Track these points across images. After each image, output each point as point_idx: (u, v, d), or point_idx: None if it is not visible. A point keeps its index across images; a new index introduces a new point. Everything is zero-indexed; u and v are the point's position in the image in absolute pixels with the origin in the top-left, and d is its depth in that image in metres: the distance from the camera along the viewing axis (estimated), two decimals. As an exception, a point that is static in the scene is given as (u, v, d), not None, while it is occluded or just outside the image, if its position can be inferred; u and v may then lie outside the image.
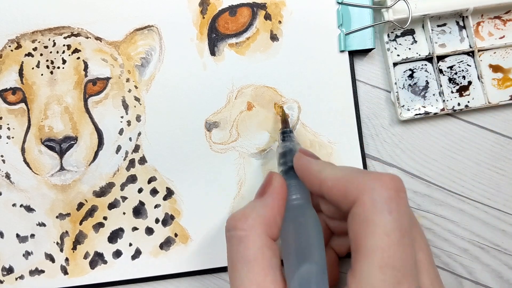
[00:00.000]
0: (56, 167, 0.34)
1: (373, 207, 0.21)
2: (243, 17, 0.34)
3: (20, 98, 0.34)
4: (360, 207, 0.22)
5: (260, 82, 0.34)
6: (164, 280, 0.34)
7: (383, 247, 0.21)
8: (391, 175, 0.23)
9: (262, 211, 0.24)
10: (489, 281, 0.34)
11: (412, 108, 0.35)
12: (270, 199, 0.25)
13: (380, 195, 0.22)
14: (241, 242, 0.23)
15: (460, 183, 0.35)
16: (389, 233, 0.21)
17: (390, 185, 0.22)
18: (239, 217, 0.24)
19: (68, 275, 0.33)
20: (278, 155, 0.30)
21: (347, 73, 0.34)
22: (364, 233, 0.21)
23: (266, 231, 0.24)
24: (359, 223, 0.22)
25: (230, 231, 0.24)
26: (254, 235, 0.23)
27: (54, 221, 0.34)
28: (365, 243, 0.21)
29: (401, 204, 0.22)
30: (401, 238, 0.21)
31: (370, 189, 0.22)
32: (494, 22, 0.36)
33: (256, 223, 0.24)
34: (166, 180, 0.34)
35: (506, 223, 0.34)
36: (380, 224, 0.21)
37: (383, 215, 0.21)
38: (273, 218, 0.24)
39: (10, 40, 0.34)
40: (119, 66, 0.34)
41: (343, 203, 0.23)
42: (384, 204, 0.21)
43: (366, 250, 0.21)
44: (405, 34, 0.36)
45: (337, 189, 0.23)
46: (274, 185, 0.26)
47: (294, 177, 0.28)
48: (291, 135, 0.31)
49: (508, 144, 0.35)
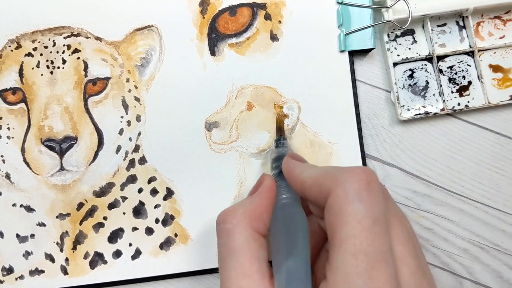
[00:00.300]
0: (56, 167, 0.34)
1: (345, 198, 0.22)
2: (243, 17, 0.34)
3: (20, 98, 0.34)
4: (333, 198, 0.22)
5: (260, 82, 0.34)
6: (164, 280, 0.34)
7: (354, 234, 0.21)
8: (363, 167, 0.24)
9: (249, 207, 0.26)
10: (489, 281, 0.34)
11: (412, 108, 0.35)
12: (258, 197, 0.27)
13: (351, 186, 0.22)
14: (229, 234, 0.25)
15: (460, 183, 0.35)
16: (360, 221, 0.21)
17: (361, 176, 0.23)
18: (227, 212, 0.26)
19: (68, 275, 0.33)
20: (271, 160, 0.31)
21: (347, 73, 0.34)
22: (338, 223, 0.22)
23: (252, 225, 0.25)
24: (333, 214, 0.22)
25: (219, 224, 0.26)
26: (240, 227, 0.25)
27: (54, 221, 0.34)
28: (339, 232, 0.21)
29: (372, 194, 0.22)
30: (373, 226, 0.21)
31: (342, 181, 0.23)
32: (494, 22, 0.36)
33: (243, 217, 0.25)
34: (166, 180, 0.34)
35: (506, 223, 0.34)
36: (351, 212, 0.22)
37: (354, 204, 0.22)
38: (259, 213, 0.26)
39: (10, 40, 0.34)
40: (119, 66, 0.34)
41: (320, 199, 0.24)
42: (355, 194, 0.22)
43: (339, 239, 0.21)
44: (405, 34, 0.36)
45: (314, 186, 0.24)
46: (264, 185, 0.28)
47: (284, 179, 0.29)
48: (284, 142, 0.32)
49: (508, 144, 0.35)
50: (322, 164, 0.34)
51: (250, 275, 0.23)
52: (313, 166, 0.27)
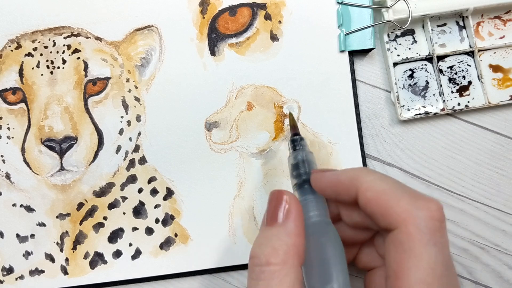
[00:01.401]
0: (56, 167, 0.34)
1: (418, 238, 0.21)
2: (243, 17, 0.34)
3: (20, 98, 0.34)
4: (403, 235, 0.21)
5: (260, 82, 0.34)
6: (164, 280, 0.34)
7: (429, 281, 0.20)
8: (436, 203, 0.22)
9: (289, 240, 0.23)
10: (489, 281, 0.34)
11: (412, 108, 0.35)
12: (292, 224, 0.24)
13: (426, 225, 0.21)
14: (274, 277, 0.22)
15: (460, 183, 0.34)
16: (433, 267, 0.21)
17: (436, 215, 0.22)
18: (268, 251, 0.23)
19: (68, 275, 0.33)
20: (291, 166, 0.29)
21: (347, 73, 0.34)
22: (407, 264, 0.21)
23: (296, 261, 0.23)
24: (402, 252, 0.21)
25: (261, 266, 0.23)
26: (287, 268, 0.22)
27: (54, 221, 0.34)
28: (408, 275, 0.21)
29: (444, 236, 0.22)
30: (445, 271, 0.21)
31: (416, 217, 0.21)
32: (494, 22, 0.36)
33: (288, 255, 0.23)
34: (166, 180, 0.34)
35: (506, 223, 0.34)
36: (425, 256, 0.21)
37: (428, 247, 0.21)
38: (300, 245, 0.23)
39: (10, 40, 0.34)
40: (119, 66, 0.34)
41: (381, 220, 0.22)
42: (430, 236, 0.21)
43: (409, 282, 0.21)
44: (405, 34, 0.36)
45: (376, 204, 0.23)
46: (292, 208, 0.24)
47: (310, 192, 0.27)
48: (302, 142, 0.29)
49: (508, 144, 0.35)
50: (322, 164, 0.33)
51: None
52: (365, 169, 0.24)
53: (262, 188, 0.34)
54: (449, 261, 0.22)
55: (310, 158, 0.28)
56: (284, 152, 0.34)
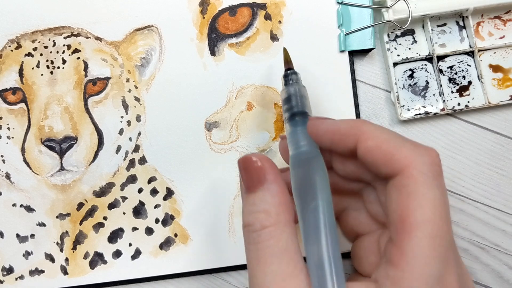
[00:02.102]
0: (56, 167, 0.34)
1: (422, 180, 0.21)
2: (243, 17, 0.34)
3: (20, 98, 0.34)
4: (407, 179, 0.22)
5: (260, 82, 0.34)
6: (164, 280, 0.34)
7: (433, 219, 0.21)
8: (435, 150, 0.23)
9: (276, 200, 0.24)
10: (489, 281, 0.34)
11: (412, 108, 0.35)
12: (274, 185, 0.24)
13: (429, 169, 0.22)
14: (271, 236, 0.23)
15: (460, 183, 0.35)
16: (437, 207, 0.21)
17: (436, 161, 0.22)
18: (261, 216, 0.23)
19: (68, 275, 0.33)
20: (282, 101, 0.29)
21: (347, 73, 0.34)
22: (412, 205, 0.21)
23: (289, 217, 0.23)
24: (406, 195, 0.21)
25: (257, 231, 0.23)
26: (282, 226, 0.23)
27: (54, 221, 0.34)
28: (414, 215, 0.21)
29: (443, 181, 0.22)
30: (447, 213, 0.22)
31: (419, 162, 0.22)
32: (494, 22, 0.36)
33: (279, 215, 0.23)
34: (166, 180, 0.34)
35: (506, 223, 0.34)
36: (430, 196, 0.21)
37: (432, 188, 0.21)
38: (287, 201, 0.24)
39: (10, 40, 0.34)
40: (119, 66, 0.34)
41: (383, 168, 0.23)
42: (433, 179, 0.22)
43: (416, 223, 0.21)
44: (405, 34, 0.36)
45: (378, 152, 0.23)
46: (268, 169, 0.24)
47: (300, 124, 0.27)
48: (293, 77, 0.29)
49: (508, 144, 0.35)
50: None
51: (296, 276, 0.22)
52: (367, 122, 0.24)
53: (262, 188, 0.34)
54: (448, 204, 0.22)
55: (302, 92, 0.28)
56: (284, 152, 0.34)
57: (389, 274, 0.21)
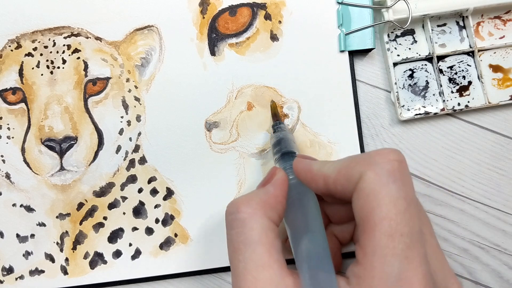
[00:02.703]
0: (56, 167, 0.34)
1: (377, 180, 0.22)
2: (243, 17, 0.34)
3: (20, 98, 0.34)
4: (364, 182, 0.22)
5: (260, 82, 0.34)
6: (164, 280, 0.34)
7: (390, 216, 0.21)
8: (390, 148, 0.23)
9: (264, 196, 0.25)
10: (489, 281, 0.34)
11: (412, 108, 0.35)
12: (272, 187, 0.26)
13: (383, 167, 0.22)
14: (245, 224, 0.24)
15: (460, 183, 0.34)
16: (395, 202, 0.21)
17: (392, 157, 0.22)
18: (241, 201, 0.25)
19: (68, 275, 0.33)
20: (272, 146, 0.31)
21: (347, 73, 0.34)
22: (371, 206, 0.21)
23: (268, 215, 0.24)
24: (364, 197, 0.22)
25: (233, 214, 0.24)
26: (257, 217, 0.24)
27: (54, 221, 0.34)
28: (372, 215, 0.21)
29: (404, 174, 0.22)
30: (407, 207, 0.21)
31: (373, 163, 0.22)
32: (494, 22, 0.36)
33: (259, 205, 0.24)
34: (166, 180, 0.34)
35: (506, 223, 0.34)
36: (386, 194, 0.21)
37: (387, 185, 0.21)
38: (274, 204, 0.25)
39: (10, 40, 0.34)
40: (119, 66, 0.34)
41: (348, 188, 0.23)
42: (388, 175, 0.22)
43: (373, 221, 0.21)
44: (405, 34, 0.36)
45: (341, 178, 0.23)
46: (277, 177, 0.27)
47: (288, 161, 0.29)
48: (281, 126, 0.32)
49: (508, 144, 0.35)
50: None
51: (269, 266, 0.23)
52: (330, 161, 0.26)
53: (262, 188, 0.34)
54: (413, 197, 0.22)
55: (289, 137, 0.31)
56: (284, 152, 0.34)
57: (355, 272, 0.22)
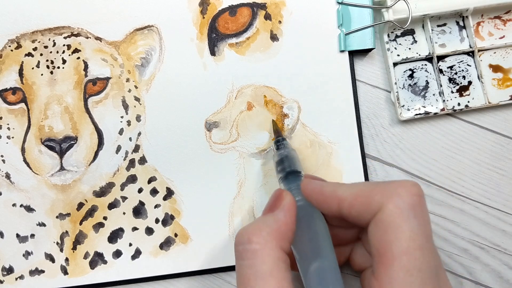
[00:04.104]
0: (56, 167, 0.34)
1: (398, 213, 0.22)
2: (243, 17, 0.34)
3: (20, 98, 0.34)
4: (384, 213, 0.22)
5: (260, 82, 0.34)
6: (164, 280, 0.34)
7: (410, 251, 0.21)
8: (412, 181, 0.23)
9: (275, 225, 0.24)
10: (489, 281, 0.34)
11: (412, 108, 0.35)
12: (281, 214, 0.25)
13: (405, 201, 0.22)
14: (256, 256, 0.23)
15: (460, 183, 0.35)
16: (415, 238, 0.21)
17: (413, 191, 0.22)
18: (252, 231, 0.24)
19: (68, 275, 0.33)
20: (275, 164, 0.31)
21: (347, 73, 0.34)
22: (390, 238, 0.21)
23: (280, 245, 0.23)
24: (384, 228, 0.22)
25: (243, 244, 0.24)
26: (269, 248, 0.23)
27: (54, 221, 0.34)
28: (391, 248, 0.21)
29: (424, 209, 0.22)
30: (426, 243, 0.22)
31: (395, 195, 0.22)
32: (494, 22, 0.36)
33: (270, 236, 0.23)
34: (166, 180, 0.34)
35: (506, 223, 0.34)
36: (406, 229, 0.21)
37: (409, 220, 0.22)
38: (286, 232, 0.24)
39: (10, 40, 0.34)
40: (119, 66, 0.34)
41: (365, 215, 0.23)
42: (410, 210, 0.22)
43: (392, 255, 0.21)
44: (405, 34, 0.36)
45: (359, 203, 0.23)
46: (285, 201, 0.26)
47: (293, 181, 0.28)
48: (284, 142, 0.32)
49: (508, 144, 0.35)
50: (322, 164, 0.34)
51: None
52: (344, 184, 0.26)
53: (262, 188, 0.34)
54: (430, 234, 0.22)
55: (292, 154, 0.30)
56: (284, 152, 0.34)
57: None
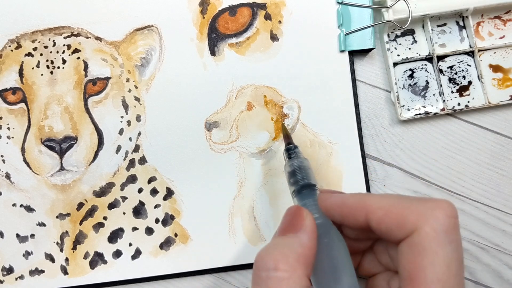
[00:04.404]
0: (56, 167, 0.34)
1: (434, 237, 0.21)
2: (243, 17, 0.34)
3: (20, 98, 0.34)
4: (420, 236, 0.21)
5: (260, 82, 0.34)
6: (164, 280, 0.34)
7: (444, 279, 0.21)
8: (448, 201, 0.22)
9: (300, 250, 0.23)
10: (489, 281, 0.34)
11: (412, 108, 0.35)
12: (306, 237, 0.23)
13: (442, 224, 0.21)
14: (282, 285, 0.21)
15: (460, 183, 0.34)
16: (449, 264, 0.21)
17: (450, 213, 0.22)
18: (278, 257, 0.22)
19: (68, 275, 0.33)
20: (287, 174, 0.29)
21: (347, 73, 0.34)
22: (424, 264, 0.21)
23: (306, 272, 0.22)
24: (418, 252, 0.21)
25: (267, 271, 0.22)
26: (296, 277, 0.22)
27: (54, 221, 0.34)
28: (425, 274, 0.21)
29: (458, 233, 0.22)
30: (459, 269, 0.21)
31: (432, 218, 0.21)
32: (494, 22, 0.36)
33: (297, 263, 0.22)
34: (166, 180, 0.34)
35: (506, 223, 0.34)
36: (442, 254, 0.21)
37: (444, 246, 0.21)
38: (310, 257, 0.23)
39: (10, 40, 0.34)
40: (119, 66, 0.34)
41: (397, 232, 0.22)
42: (446, 234, 0.21)
43: (425, 280, 0.21)
44: (405, 34, 0.36)
45: (391, 218, 0.23)
46: (307, 222, 0.24)
47: (308, 196, 0.27)
48: (296, 151, 0.30)
49: (508, 144, 0.35)
50: (322, 164, 0.34)
51: None
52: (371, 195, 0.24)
53: (262, 188, 0.34)
54: (462, 260, 0.22)
55: (306, 165, 0.29)
56: (284, 152, 0.34)
57: None
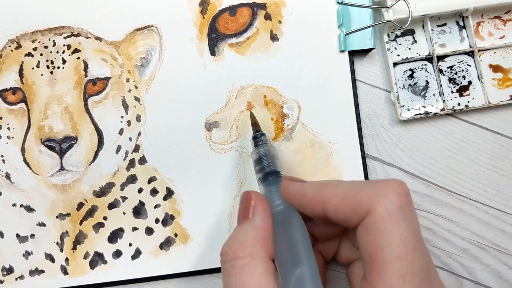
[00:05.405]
0: (56, 167, 0.34)
1: (387, 216, 0.21)
2: (243, 17, 0.34)
3: (20, 98, 0.34)
4: (373, 217, 0.22)
5: (260, 82, 0.34)
6: (164, 280, 0.34)
7: (402, 256, 0.21)
8: (398, 180, 0.23)
9: (255, 233, 0.24)
10: (489, 281, 0.34)
11: (412, 108, 0.35)
12: (258, 219, 0.25)
13: (393, 203, 0.22)
14: (244, 270, 0.23)
15: (460, 183, 0.35)
16: (406, 241, 0.21)
17: (400, 191, 0.22)
18: (236, 246, 0.24)
19: (68, 275, 0.33)
20: (254, 162, 0.30)
21: (347, 73, 0.34)
22: (381, 244, 0.21)
23: (265, 253, 0.23)
24: (374, 233, 0.22)
25: (230, 261, 0.23)
26: (256, 260, 0.23)
27: (54, 221, 0.34)
28: (383, 254, 0.21)
29: (412, 210, 0.22)
30: (417, 245, 0.21)
31: (382, 197, 0.22)
32: (494, 22, 0.36)
33: (254, 248, 0.23)
34: (166, 180, 0.34)
35: (506, 223, 0.34)
36: (397, 233, 0.21)
37: (398, 223, 0.21)
38: (266, 237, 0.24)
39: (10, 40, 0.34)
40: (119, 66, 0.34)
41: (353, 218, 0.23)
42: (399, 212, 0.21)
43: (384, 261, 0.21)
44: (405, 34, 0.36)
45: (345, 205, 0.23)
46: (258, 205, 0.25)
47: (273, 183, 0.28)
48: (262, 138, 0.31)
49: (508, 144, 0.35)
50: (322, 164, 0.34)
51: None
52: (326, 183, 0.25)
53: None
54: (420, 234, 0.22)
55: (272, 152, 0.30)
56: (284, 152, 0.34)
57: None
